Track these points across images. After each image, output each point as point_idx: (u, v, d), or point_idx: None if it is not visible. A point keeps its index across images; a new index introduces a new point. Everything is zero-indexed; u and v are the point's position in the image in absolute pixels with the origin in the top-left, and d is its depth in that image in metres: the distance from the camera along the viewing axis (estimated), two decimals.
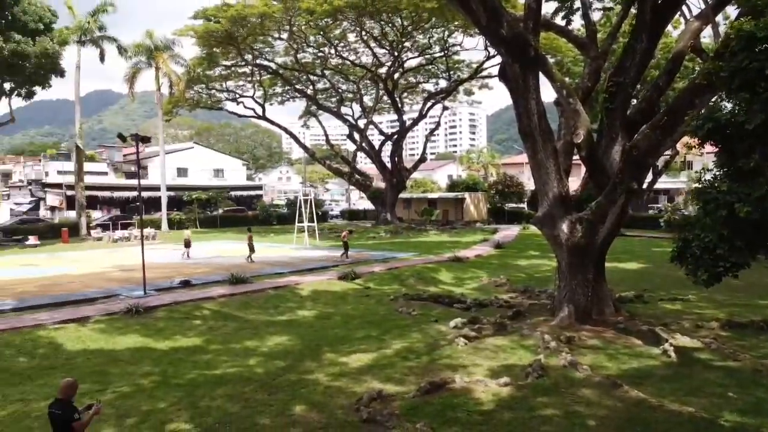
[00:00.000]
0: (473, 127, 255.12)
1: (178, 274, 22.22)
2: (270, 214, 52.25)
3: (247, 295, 18.52)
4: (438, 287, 21.45)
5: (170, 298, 17.59)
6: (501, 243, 34.04)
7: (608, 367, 11.69)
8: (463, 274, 23.96)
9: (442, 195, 56.05)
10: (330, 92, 56.27)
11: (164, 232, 44.46)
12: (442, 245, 34.76)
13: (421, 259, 27.39)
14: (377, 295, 19.55)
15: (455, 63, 51.48)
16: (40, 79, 33.42)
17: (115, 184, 56.86)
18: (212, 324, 15.53)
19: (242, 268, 23.81)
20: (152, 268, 23.68)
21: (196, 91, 51.25)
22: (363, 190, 53.30)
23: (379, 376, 11.08)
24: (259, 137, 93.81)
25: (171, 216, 48.01)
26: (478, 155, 78.23)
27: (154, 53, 43.35)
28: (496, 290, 20.72)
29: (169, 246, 35.61)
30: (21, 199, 57.68)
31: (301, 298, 18.71)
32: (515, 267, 26.33)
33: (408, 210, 54.72)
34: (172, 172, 63.94)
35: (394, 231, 43.62)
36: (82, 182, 41.20)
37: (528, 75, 13.85)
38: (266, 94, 52.87)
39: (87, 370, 11.63)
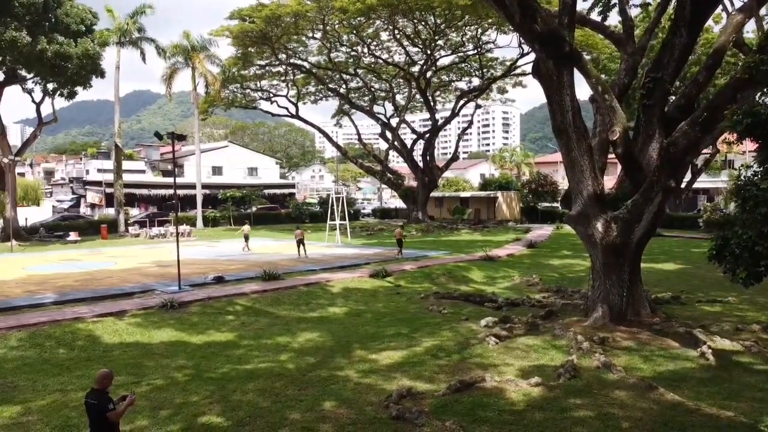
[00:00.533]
0: (506, 126, 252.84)
1: (212, 270, 22.57)
2: (302, 212, 52.69)
3: (279, 292, 18.69)
4: (469, 286, 21.32)
5: (204, 294, 17.87)
6: (534, 242, 33.66)
7: (643, 368, 11.43)
8: (495, 273, 23.76)
9: (474, 194, 55.69)
10: (363, 91, 56.42)
11: (199, 230, 45.24)
12: (473, 244, 34.53)
13: (452, 257, 27.26)
14: (408, 293, 19.54)
15: (488, 61, 51.10)
16: (81, 79, 34.32)
17: (152, 182, 58.13)
18: (244, 319, 15.72)
19: (274, 264, 24.06)
20: (187, 265, 24.10)
21: (231, 91, 52.00)
22: (395, 189, 53.29)
23: (409, 374, 11.06)
24: (292, 136, 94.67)
25: (206, 213, 48.80)
26: (511, 154, 77.47)
27: (191, 53, 44.12)
28: (529, 290, 20.49)
29: (204, 243, 36.22)
30: (63, 197, 59.40)
31: (332, 295, 18.81)
32: (548, 266, 26.00)
33: (440, 209, 54.51)
34: (207, 170, 65.04)
35: (426, 229, 43.51)
36: (120, 180, 42.19)
37: (562, 71, 13.64)
38: (299, 93, 53.27)
39: (123, 363, 11.90)
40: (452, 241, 36.44)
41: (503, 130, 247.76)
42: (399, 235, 28.98)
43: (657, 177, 12.93)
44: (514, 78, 54.12)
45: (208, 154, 67.66)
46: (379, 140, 71.92)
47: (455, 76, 55.40)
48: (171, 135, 18.23)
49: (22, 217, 46.10)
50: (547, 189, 50.82)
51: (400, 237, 28.66)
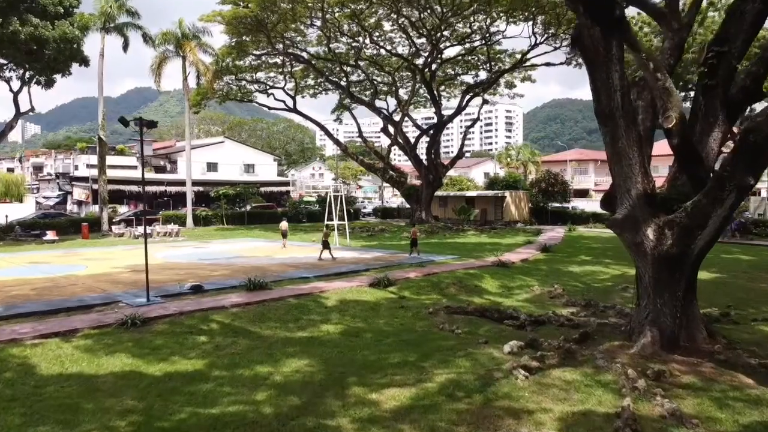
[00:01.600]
0: (510, 125, 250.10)
1: (193, 277, 20.03)
2: (299, 211, 50.09)
3: (265, 305, 16.12)
4: (483, 298, 18.73)
5: (176, 307, 15.29)
6: (548, 246, 31.07)
7: (721, 419, 8.85)
8: (511, 282, 21.17)
9: (480, 193, 53.09)
10: (364, 84, 53.85)
11: (189, 229, 42.66)
12: (482, 247, 31.99)
13: (461, 263, 24.69)
14: (414, 306, 16.95)
15: (497, 53, 48.50)
16: (59, 65, 31.75)
17: (137, 178, 55.35)
18: (219, 341, 13.14)
19: (263, 270, 21.53)
20: (165, 270, 21.60)
21: (226, 83, 49.43)
22: (397, 187, 50.70)
23: (420, 425, 8.50)
24: (291, 133, 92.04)
25: (197, 212, 46.24)
26: (518, 152, 74.81)
27: (182, 42, 41.50)
28: (552, 303, 17.90)
29: (192, 244, 33.64)
30: (49, 193, 56.87)
31: (326, 309, 16.22)
32: (568, 274, 23.40)
33: (444, 208, 51.94)
34: (202, 167, 62.58)
35: (430, 230, 40.93)
36: (104, 175, 39.61)
37: (611, 42, 11.04)
38: (297, 86, 50.70)
39: (54, 404, 9.32)
40: (459, 244, 33.87)
41: (506, 129, 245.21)
42: (414, 234, 27.80)
43: (730, 172, 10.34)
44: (523, 72, 51.59)
45: (202, 150, 65.18)
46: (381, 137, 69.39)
47: (461, 70, 52.80)
48: (139, 121, 15.63)
49: (2, 213, 43.61)
50: (558, 189, 48.26)
51: (415, 236, 27.57)
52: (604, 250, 31.45)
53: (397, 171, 50.34)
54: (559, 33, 41.40)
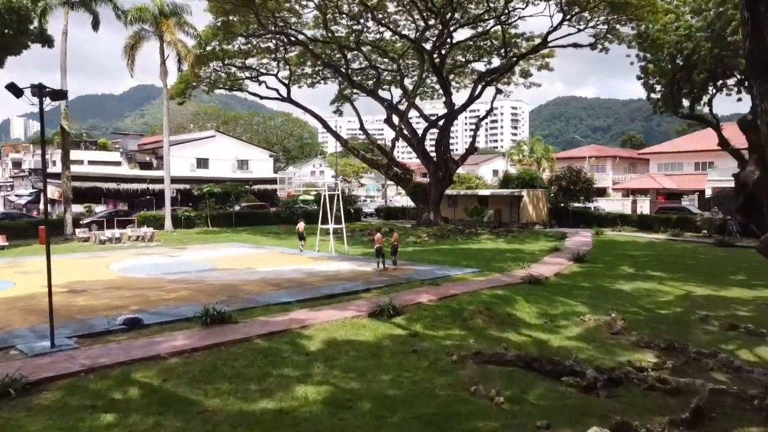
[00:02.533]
0: (515, 122, 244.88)
1: (140, 301, 15.35)
2: (294, 211, 45.36)
3: (220, 351, 11.41)
4: (521, 333, 13.96)
5: (88, 358, 10.61)
6: (581, 254, 26.30)
7: None
8: (552, 308, 16.38)
9: (494, 192, 48.26)
10: (366, 73, 49.11)
11: (167, 232, 37.97)
12: (502, 255, 27.27)
13: (483, 279, 19.94)
14: (431, 349, 12.20)
15: (512, 37, 43.68)
16: (8, 42, 27.03)
17: (121, 175, 50.70)
18: (134, 422, 8.43)
19: (235, 290, 16.83)
20: (111, 290, 16.99)
21: (213, 70, 44.75)
22: (402, 185, 45.92)
23: None
24: (289, 127, 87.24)
25: (178, 212, 41.56)
26: (531, 147, 69.88)
27: (159, 20, 36.76)
28: (617, 343, 13.14)
29: (164, 250, 28.92)
30: (23, 191, 52.29)
31: (307, 357, 11.47)
32: (619, 295, 18.62)
33: (454, 209, 47.15)
34: (191, 162, 57.95)
35: (439, 234, 36.16)
36: (68, 171, 34.93)
37: None
38: (292, 73, 45.98)
39: None
40: (474, 251, 29.13)
41: (512, 126, 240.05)
42: (379, 241, 22.67)
43: None
44: (540, 59, 46.79)
45: (192, 144, 60.58)
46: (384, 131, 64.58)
47: (472, 56, 48.01)
48: (38, 87, 10.88)
49: None
50: (581, 187, 43.45)
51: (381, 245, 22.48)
52: (647, 259, 26.68)
53: (402, 167, 45.57)
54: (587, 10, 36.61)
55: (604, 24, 39.61)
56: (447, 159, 41.63)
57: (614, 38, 40.76)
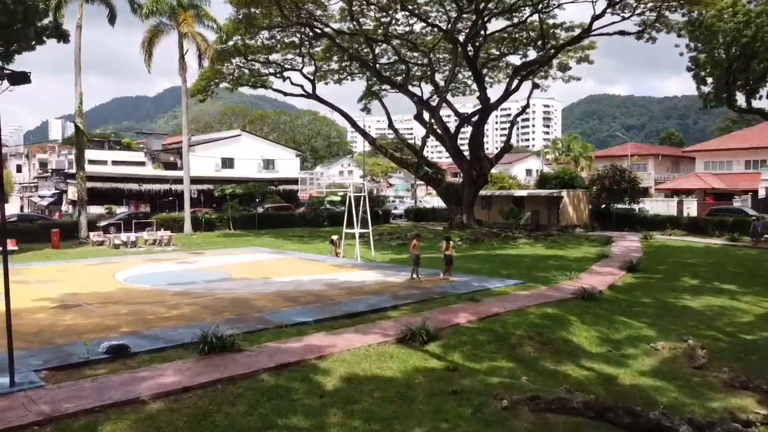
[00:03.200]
0: (547, 120, 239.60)
1: (135, 320, 13.38)
2: (319, 213, 43.31)
3: (216, 391, 9.29)
4: (582, 365, 11.54)
5: (53, 401, 8.58)
6: (634, 263, 23.62)
7: None
8: (613, 331, 13.89)
9: (531, 192, 45.50)
10: (395, 68, 46.88)
11: (186, 235, 36.24)
12: (544, 263, 24.77)
13: (528, 294, 17.50)
14: (473, 389, 9.87)
15: (551, 27, 40.95)
16: (16, 35, 25.51)
17: (142, 175, 49.30)
18: None
19: (246, 306, 14.76)
20: (107, 304, 15.11)
21: (236, 66, 43.05)
22: (433, 186, 43.49)
23: None
24: (316, 126, 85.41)
25: (198, 214, 39.85)
26: (567, 145, 66.64)
27: (176, 11, 35.06)
28: (703, 380, 10.66)
29: (180, 256, 27.11)
30: (45, 192, 51.41)
31: (322, 400, 9.25)
32: (688, 314, 16.00)
33: (488, 211, 44.56)
34: (216, 162, 56.54)
35: (473, 238, 33.70)
36: (82, 171, 33.43)
37: None
38: (318, 68, 44.01)
39: None
40: (513, 258, 26.64)
41: (544, 125, 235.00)
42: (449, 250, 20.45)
43: None
44: (579, 51, 43.95)
45: (217, 144, 59.20)
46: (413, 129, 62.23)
47: (507, 49, 45.34)
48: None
49: None
50: (625, 187, 40.45)
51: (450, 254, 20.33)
52: (708, 268, 23.85)
53: (433, 167, 43.17)
54: None
55: (652, 11, 36.63)
56: (481, 157, 39.10)
57: (662, 26, 37.74)
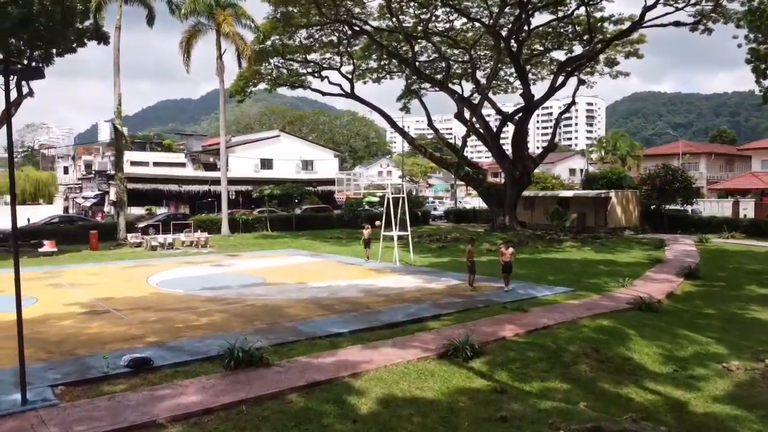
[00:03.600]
0: (591, 119, 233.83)
1: (163, 328, 12.78)
2: (357, 214, 42.56)
3: (240, 413, 8.48)
4: (645, 388, 10.30)
5: (64, 423, 7.91)
6: (692, 268, 22.00)
7: None
8: (677, 347, 12.56)
9: (577, 193, 43.76)
10: (435, 66, 45.76)
11: (223, 237, 35.92)
12: (593, 268, 23.39)
13: (579, 303, 16.24)
14: (525, 415, 8.79)
15: (598, 21, 39.18)
16: (54, 36, 25.48)
17: (182, 176, 49.36)
18: None
19: (279, 315, 14.00)
20: (137, 310, 14.63)
21: (274, 66, 42.67)
22: (474, 186, 42.20)
23: None
24: (355, 126, 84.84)
25: (236, 215, 39.52)
26: (614, 144, 64.20)
27: (214, 10, 34.79)
28: None
29: (215, 258, 26.67)
30: (89, 193, 52.13)
31: (355, 425, 8.33)
32: (759, 327, 14.55)
33: (531, 212, 43.03)
34: (255, 163, 56.47)
35: (517, 241, 32.29)
36: (121, 173, 33.43)
37: None
38: (356, 67, 43.28)
39: None
40: (560, 262, 25.28)
41: (587, 123, 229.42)
42: (508, 257, 18.50)
43: None
44: (628, 46, 42.02)
45: (256, 145, 59.15)
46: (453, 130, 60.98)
47: (551, 44, 43.68)
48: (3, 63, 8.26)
49: (25, 216, 38.58)
50: (678, 187, 38.39)
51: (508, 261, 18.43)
52: None
53: (474, 166, 41.91)
54: None
55: (709, 0, 34.57)
56: (524, 157, 37.64)
57: (719, 16, 35.59)
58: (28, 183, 49.48)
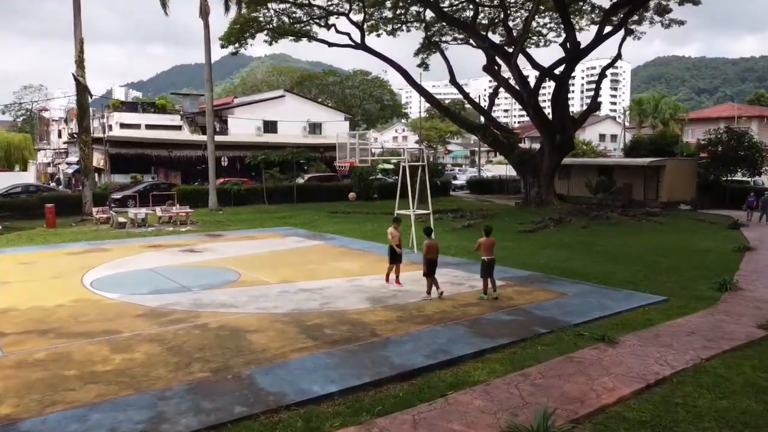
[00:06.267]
0: (615, 83, 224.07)
1: (30, 387, 7.79)
2: (369, 184, 37.32)
3: None
4: None
5: None
6: None
7: None
8: None
9: (622, 161, 38.12)
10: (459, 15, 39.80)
11: (210, 211, 30.95)
12: (667, 258, 18.17)
13: (686, 323, 10.99)
14: None
15: None
16: None
17: (171, 140, 44.04)
18: None
19: (232, 352, 8.94)
20: (23, 337, 9.49)
21: (274, 12, 37.08)
22: (504, 153, 36.64)
23: None
24: (368, 87, 78.84)
25: (226, 186, 34.48)
26: (655, 105, 57.79)
27: None
28: None
29: (193, 240, 21.66)
30: (73, 158, 47.37)
31: None
32: None
33: (567, 182, 37.51)
34: (257, 126, 51.22)
35: (557, 218, 27.03)
36: (85, 135, 28.27)
37: None
38: (368, 15, 37.50)
39: None
40: (620, 248, 20.00)
41: (611, 87, 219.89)
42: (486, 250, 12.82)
43: None
44: None
45: (258, 106, 53.77)
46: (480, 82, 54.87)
47: None
48: None
49: None
50: (744, 155, 32.65)
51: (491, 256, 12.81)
52: None
53: (505, 129, 36.29)
54: None
55: None
56: (566, 118, 31.95)
57: None
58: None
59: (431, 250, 12.90)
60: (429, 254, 12.87)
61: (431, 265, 12.81)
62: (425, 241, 13.32)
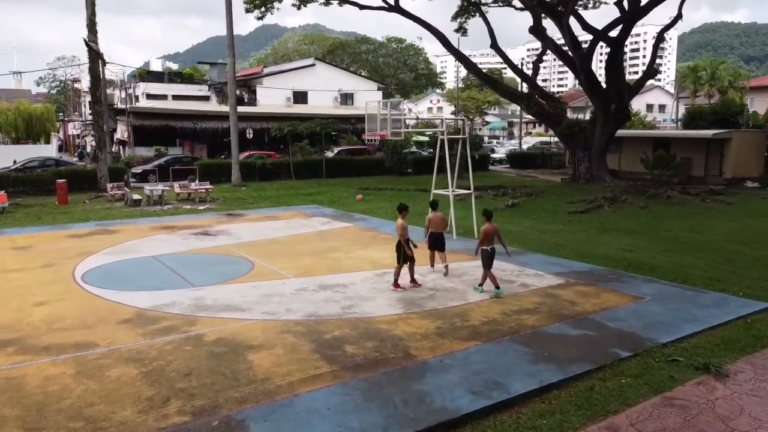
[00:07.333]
0: (660, 50, 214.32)
1: None
2: (402, 158, 34.96)
3: None
4: None
5: None
6: None
7: None
8: None
9: (680, 133, 34.84)
10: None
11: (233, 187, 29.13)
12: (752, 248, 15.48)
13: None
14: None
15: None
16: None
17: (196, 111, 42.21)
18: None
19: (226, 382, 6.82)
20: None
21: None
22: (551, 124, 33.74)
23: None
24: (402, 56, 75.71)
25: (251, 160, 32.57)
26: (712, 72, 53.54)
27: None
28: None
29: (208, 222, 19.78)
30: None
31: None
32: None
33: (618, 156, 34.43)
34: (287, 96, 49.18)
35: (612, 197, 24.32)
36: (99, 105, 26.51)
37: None
38: None
39: None
40: (692, 236, 17.36)
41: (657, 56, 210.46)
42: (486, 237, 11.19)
43: None
44: None
45: (287, 75, 51.56)
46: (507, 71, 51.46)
47: None
48: None
49: (11, 157, 32.84)
50: None
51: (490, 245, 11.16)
52: None
53: (551, 99, 33.33)
54: None
55: None
56: (622, 85, 28.88)
57: None
58: (19, 118, 43.72)
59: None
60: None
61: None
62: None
